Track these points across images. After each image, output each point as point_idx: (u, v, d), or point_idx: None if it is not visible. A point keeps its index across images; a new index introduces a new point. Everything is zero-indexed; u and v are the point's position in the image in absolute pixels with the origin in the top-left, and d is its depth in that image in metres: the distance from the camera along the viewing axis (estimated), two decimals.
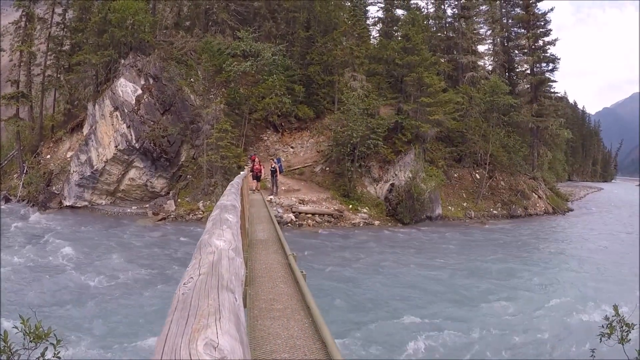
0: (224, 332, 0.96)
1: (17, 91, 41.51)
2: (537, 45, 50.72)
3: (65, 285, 17.49)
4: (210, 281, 1.30)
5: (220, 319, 1.01)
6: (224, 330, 0.96)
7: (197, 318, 1.01)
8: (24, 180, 38.97)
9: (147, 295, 16.27)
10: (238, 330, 1.00)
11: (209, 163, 33.11)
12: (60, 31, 45.52)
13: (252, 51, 36.90)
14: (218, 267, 1.45)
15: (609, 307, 6.76)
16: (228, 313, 1.07)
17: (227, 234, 2.08)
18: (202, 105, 34.82)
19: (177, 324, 1.00)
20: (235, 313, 1.09)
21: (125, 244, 24.65)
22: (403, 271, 20.92)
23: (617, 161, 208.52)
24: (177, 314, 1.06)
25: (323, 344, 4.15)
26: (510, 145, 43.59)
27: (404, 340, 12.98)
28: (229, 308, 1.10)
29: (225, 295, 1.19)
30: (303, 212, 32.10)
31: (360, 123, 33.50)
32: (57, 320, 13.08)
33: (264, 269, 7.09)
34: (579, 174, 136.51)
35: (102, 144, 35.34)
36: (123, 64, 37.15)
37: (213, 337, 0.93)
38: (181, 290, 1.25)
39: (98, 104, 36.62)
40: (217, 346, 0.90)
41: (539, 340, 13.53)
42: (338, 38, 40.77)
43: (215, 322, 1.00)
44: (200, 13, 43.30)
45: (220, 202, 3.76)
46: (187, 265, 1.63)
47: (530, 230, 35.15)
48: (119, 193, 36.07)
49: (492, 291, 18.06)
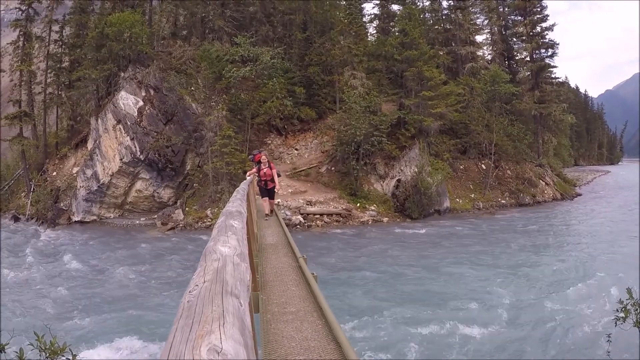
0: (228, 336, 0.97)
1: (20, 110, 41.83)
2: (535, 31, 50.52)
3: (77, 298, 17.60)
4: (215, 288, 1.31)
5: (224, 324, 1.02)
6: (227, 335, 0.97)
7: (201, 324, 1.02)
8: (32, 199, 39.21)
9: (159, 305, 16.33)
10: (242, 335, 1.01)
11: (214, 170, 33.18)
12: (59, 48, 45.79)
13: (251, 56, 36.94)
14: (222, 274, 1.46)
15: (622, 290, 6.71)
16: (232, 318, 1.08)
17: (232, 240, 2.09)
18: (204, 113, 34.90)
19: (181, 331, 1.01)
20: (239, 318, 1.10)
21: (136, 255, 24.75)
22: (416, 268, 20.84)
23: (623, 143, 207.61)
24: (182, 322, 1.07)
25: (337, 345, 4.15)
26: (514, 133, 43.44)
27: (421, 338, 12.97)
28: (233, 313, 1.11)
29: (229, 300, 1.20)
30: (311, 214, 32.10)
31: (363, 121, 33.47)
32: (72, 334, 13.16)
33: (275, 273, 7.09)
34: (585, 158, 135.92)
35: (107, 158, 35.50)
36: (123, 76, 37.31)
37: (217, 342, 0.94)
38: (186, 298, 1.26)
39: (100, 118, 36.81)
40: (221, 351, 0.91)
41: (555, 327, 13.47)
42: (335, 37, 40.77)
43: (219, 328, 1.01)
44: (196, 21, 43.39)
45: (226, 209, 3.76)
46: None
47: (539, 218, 34.99)
48: (127, 205, 36.21)
49: (509, 281, 17.99)
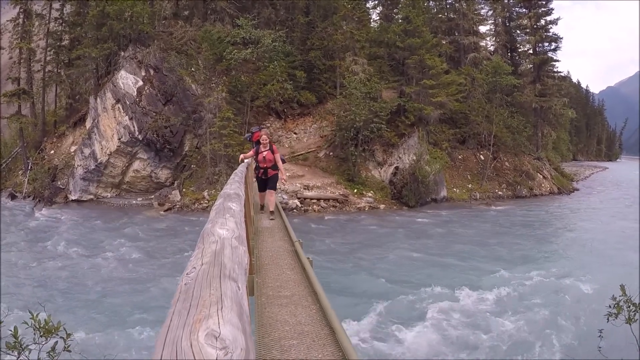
0: (226, 321, 0.95)
1: (18, 88, 41.48)
2: (539, 24, 50.16)
3: (73, 278, 17.64)
4: (213, 271, 1.29)
5: (222, 309, 1.01)
6: (225, 319, 0.96)
7: (199, 308, 1.01)
8: (29, 177, 39.08)
9: (155, 286, 16.37)
10: (240, 319, 0.99)
11: (212, 152, 33.12)
12: (59, 26, 45.28)
13: (252, 38, 36.67)
14: (221, 256, 1.44)
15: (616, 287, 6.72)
16: (230, 302, 1.06)
17: (230, 223, 2.07)
18: (203, 95, 34.73)
19: (178, 315, 1.00)
20: (237, 302, 1.09)
21: (132, 235, 24.76)
22: (410, 255, 20.93)
23: (622, 140, 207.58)
24: (179, 305, 1.05)
25: (331, 330, 4.15)
26: (514, 125, 43.37)
27: (414, 322, 13.05)
28: (231, 297, 1.09)
29: (227, 284, 1.18)
30: (308, 198, 32.12)
31: (363, 107, 33.37)
32: (66, 313, 13.20)
33: (271, 257, 7.08)
34: (583, 153, 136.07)
35: (105, 137, 35.37)
36: (123, 56, 37.04)
37: (214, 326, 0.92)
38: (184, 280, 1.24)
39: (99, 97, 36.60)
40: (219, 336, 0.89)
41: (544, 323, 13.56)
42: (338, 22, 40.44)
43: (217, 312, 0.99)
44: (198, 2, 43.01)
45: (224, 191, 3.73)
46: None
47: (535, 211, 35.10)
48: (124, 185, 36.16)
49: (499, 274, 18.06)
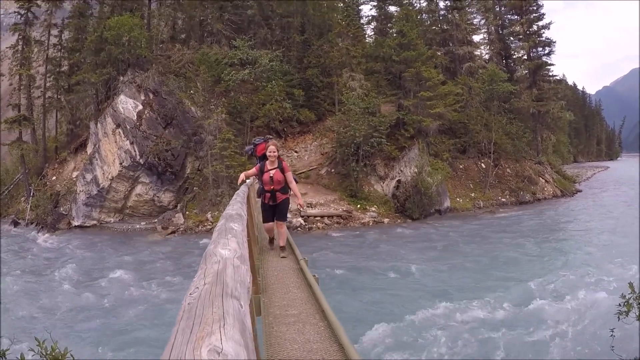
0: (228, 337, 0.98)
1: (19, 115, 41.78)
2: (531, 30, 50.64)
3: (79, 303, 17.59)
4: (215, 290, 1.32)
5: (224, 326, 1.04)
6: (228, 336, 0.99)
7: (202, 326, 1.04)
8: (32, 203, 39.18)
9: (160, 309, 16.32)
10: (243, 336, 1.02)
11: (214, 173, 33.19)
12: (58, 52, 45.79)
13: (249, 59, 36.99)
14: (223, 276, 1.47)
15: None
16: (232, 320, 1.09)
17: (232, 243, 2.10)
18: (203, 117, 34.91)
19: (182, 333, 1.03)
20: (240, 319, 1.12)
21: (136, 260, 24.73)
22: (417, 269, 20.81)
23: (621, 138, 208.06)
24: (183, 324, 1.08)
25: (340, 346, 4.14)
26: (513, 132, 43.51)
27: (422, 340, 12.97)
28: (233, 315, 1.12)
29: (230, 302, 1.22)
30: (312, 216, 32.10)
31: (362, 122, 33.50)
32: (73, 338, 13.15)
33: (276, 276, 7.06)
34: (584, 154, 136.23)
35: (107, 162, 35.49)
36: (122, 80, 37.31)
37: (217, 343, 0.95)
38: (187, 300, 1.27)
39: (100, 122, 36.80)
40: (221, 351, 0.92)
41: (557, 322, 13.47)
42: (333, 39, 40.82)
43: (220, 329, 1.02)
44: (195, 25, 43.45)
45: (226, 212, 3.76)
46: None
47: (540, 215, 35.03)
48: (127, 209, 36.17)
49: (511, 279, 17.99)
